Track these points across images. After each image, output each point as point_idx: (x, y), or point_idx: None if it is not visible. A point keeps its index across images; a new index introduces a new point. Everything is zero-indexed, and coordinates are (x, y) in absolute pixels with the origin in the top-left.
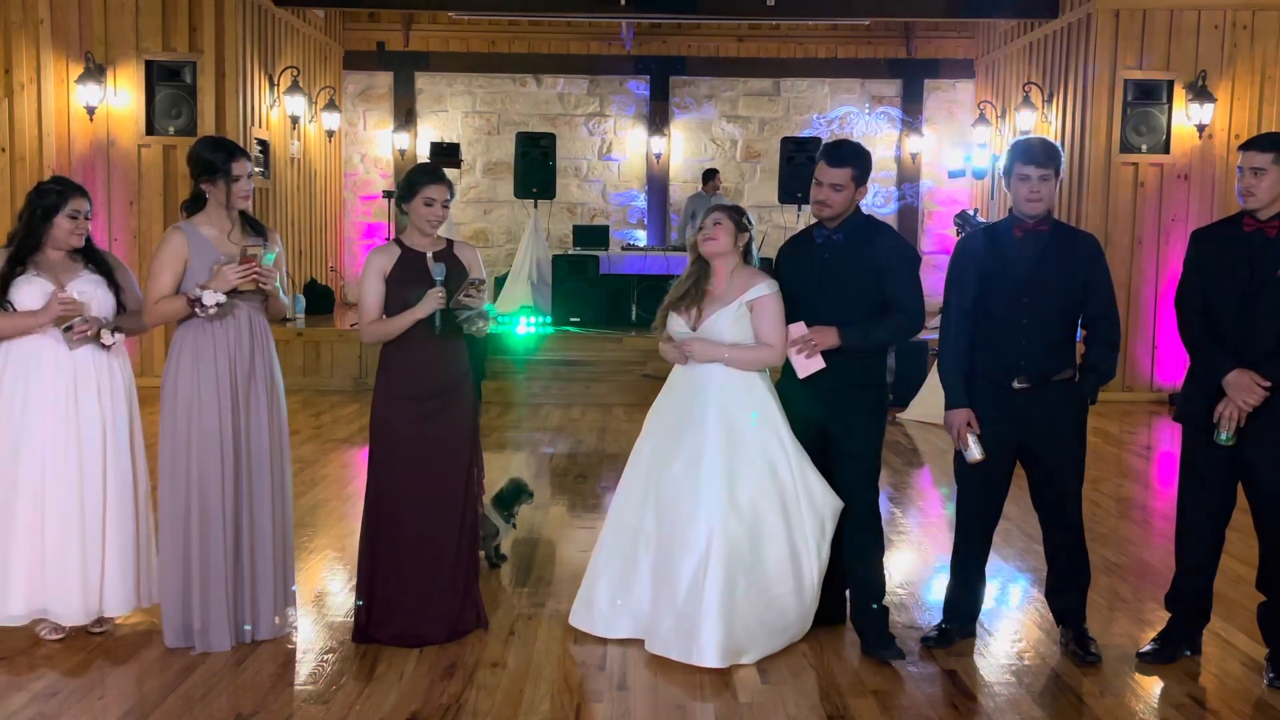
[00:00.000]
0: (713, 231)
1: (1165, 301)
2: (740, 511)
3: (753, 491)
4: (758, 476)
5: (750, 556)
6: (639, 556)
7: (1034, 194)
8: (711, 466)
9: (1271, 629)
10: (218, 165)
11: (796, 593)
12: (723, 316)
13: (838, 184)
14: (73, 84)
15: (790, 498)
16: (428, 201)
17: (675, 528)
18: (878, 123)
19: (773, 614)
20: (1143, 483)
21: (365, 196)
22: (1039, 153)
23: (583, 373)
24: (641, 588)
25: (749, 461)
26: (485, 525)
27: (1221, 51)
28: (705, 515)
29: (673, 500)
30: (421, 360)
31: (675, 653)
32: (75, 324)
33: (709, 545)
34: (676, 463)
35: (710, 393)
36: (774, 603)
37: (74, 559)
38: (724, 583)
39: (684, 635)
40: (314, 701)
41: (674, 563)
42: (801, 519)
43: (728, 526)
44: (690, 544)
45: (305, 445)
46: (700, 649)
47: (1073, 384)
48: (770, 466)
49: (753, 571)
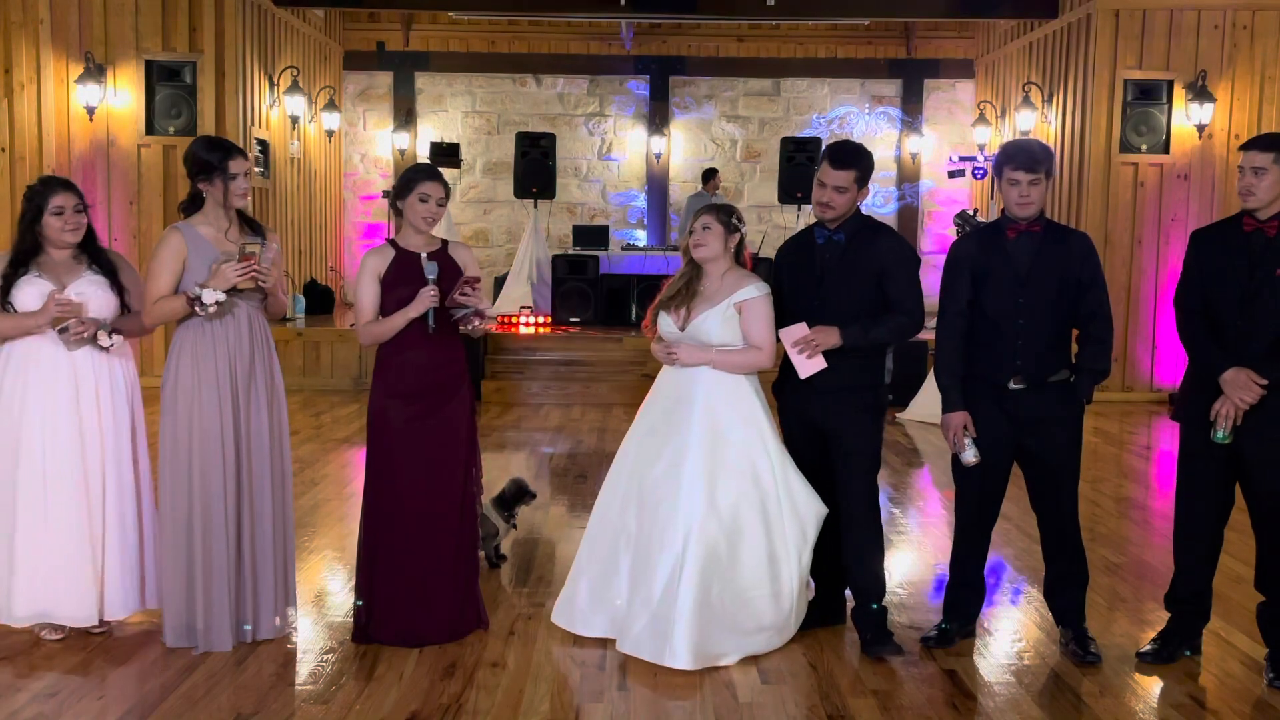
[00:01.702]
0: (702, 237)
1: (1165, 301)
2: (720, 514)
3: (734, 495)
4: (739, 480)
5: (727, 559)
6: (619, 556)
7: (1024, 198)
8: (693, 468)
9: (1271, 629)
10: (214, 164)
11: (773, 597)
12: (710, 317)
13: (841, 186)
14: (73, 84)
15: (772, 502)
16: (423, 198)
17: (654, 528)
18: (878, 123)
19: (745, 616)
20: (1143, 483)
21: (365, 196)
22: (1027, 158)
23: (583, 373)
24: (620, 587)
25: (731, 465)
26: (485, 525)
27: (1221, 51)
28: (684, 517)
29: (654, 501)
30: (417, 360)
31: (646, 653)
32: (71, 325)
33: (686, 547)
34: (659, 463)
35: (696, 395)
36: (747, 605)
37: (75, 561)
38: (699, 585)
39: (657, 636)
40: (314, 701)
41: (651, 563)
42: (782, 524)
43: (706, 529)
44: (668, 545)
45: (305, 445)
46: (672, 650)
47: (1069, 384)
48: (753, 470)
49: (728, 574)
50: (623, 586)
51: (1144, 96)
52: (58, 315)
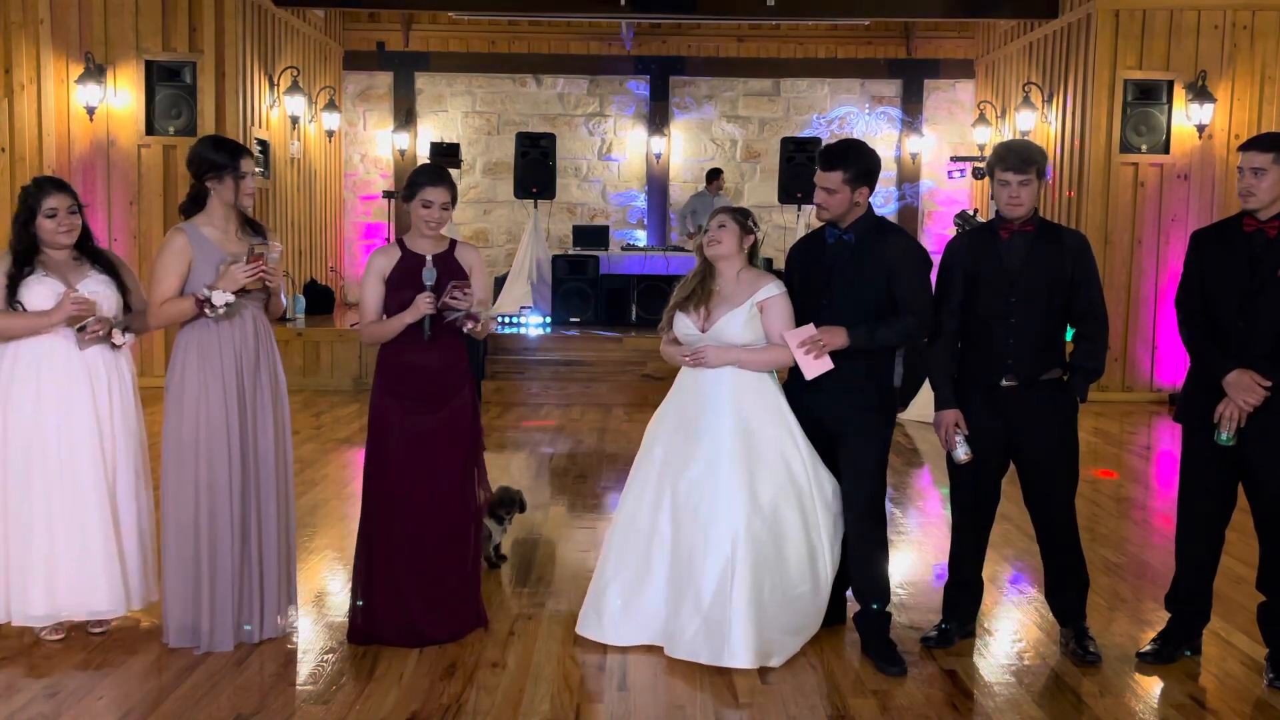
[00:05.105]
0: (717, 234)
1: (1165, 301)
2: (762, 512)
3: (772, 491)
4: (775, 476)
5: (774, 557)
6: (654, 561)
7: (1014, 199)
8: (731, 468)
9: (1271, 629)
10: (224, 164)
11: (814, 592)
12: (734, 318)
13: (829, 188)
14: (73, 84)
15: (806, 496)
16: (425, 204)
17: (696, 531)
18: (878, 123)
19: (793, 614)
20: (1143, 483)
21: (365, 196)
22: (1017, 159)
23: (583, 373)
24: (655, 593)
25: (766, 461)
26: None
27: (1221, 51)
28: (728, 517)
29: (692, 503)
30: (417, 362)
31: (704, 656)
32: (89, 324)
33: (735, 547)
34: (694, 465)
35: (723, 394)
36: (795, 603)
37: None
38: (752, 584)
39: (713, 638)
40: (314, 701)
41: (697, 566)
42: (817, 517)
43: (752, 527)
44: (714, 545)
45: (305, 445)
46: (732, 651)
47: (1062, 383)
48: (786, 465)
49: (777, 572)
50: (659, 592)
51: (1144, 97)
52: (74, 313)
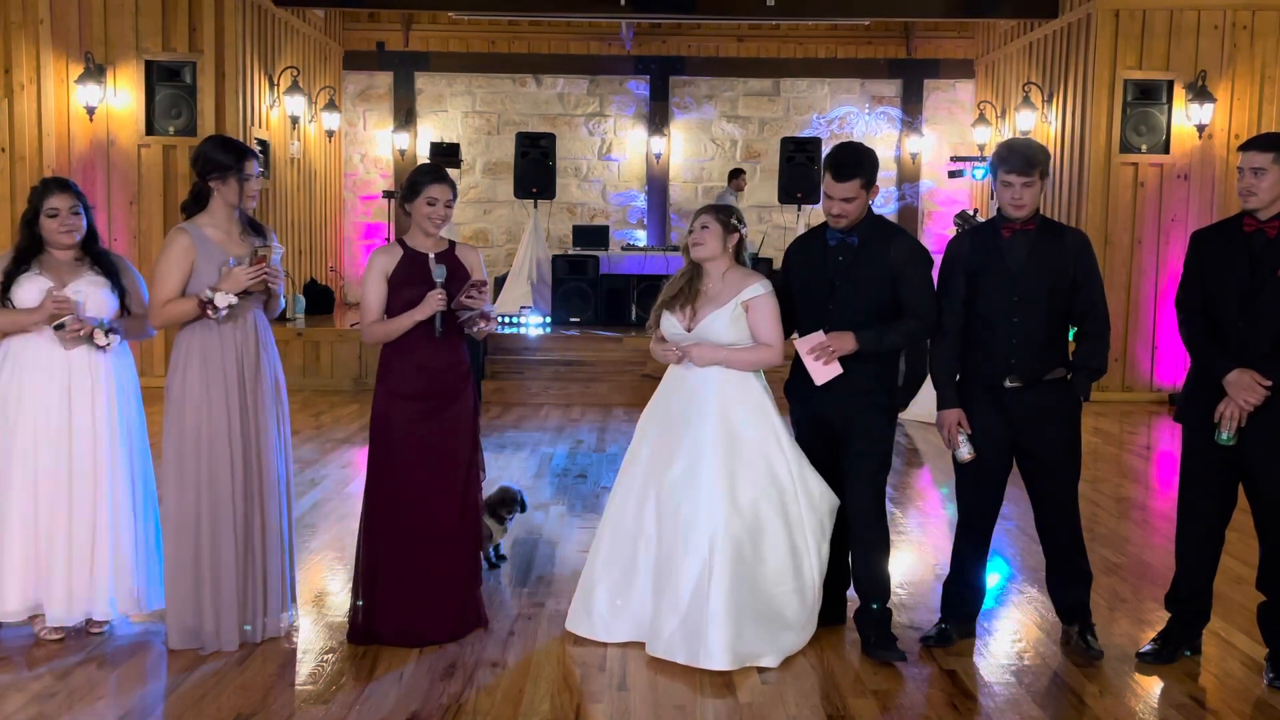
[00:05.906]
0: (700, 236)
1: (1165, 301)
2: (742, 512)
3: (753, 492)
4: (757, 477)
5: (752, 558)
6: (639, 559)
7: (1017, 199)
8: (712, 467)
9: (1271, 629)
10: (230, 164)
11: (798, 592)
12: (719, 317)
13: (849, 197)
14: (73, 84)
15: (789, 497)
16: (430, 201)
17: (677, 530)
18: (878, 123)
19: (773, 614)
20: (1143, 483)
21: (365, 196)
22: (1021, 161)
23: (583, 373)
24: (642, 591)
25: (748, 462)
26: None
27: (1221, 51)
28: (707, 517)
29: (673, 502)
30: (421, 361)
31: (681, 656)
32: (67, 323)
33: (713, 547)
34: (677, 464)
35: (709, 394)
36: (773, 602)
37: (61, 559)
38: (730, 584)
39: (690, 638)
40: (314, 701)
41: (676, 565)
42: (801, 518)
43: (730, 528)
44: (693, 546)
45: (305, 445)
46: (708, 652)
47: (1064, 382)
48: (769, 466)
49: (755, 572)
50: (645, 590)
51: (1144, 96)
52: (53, 311)
